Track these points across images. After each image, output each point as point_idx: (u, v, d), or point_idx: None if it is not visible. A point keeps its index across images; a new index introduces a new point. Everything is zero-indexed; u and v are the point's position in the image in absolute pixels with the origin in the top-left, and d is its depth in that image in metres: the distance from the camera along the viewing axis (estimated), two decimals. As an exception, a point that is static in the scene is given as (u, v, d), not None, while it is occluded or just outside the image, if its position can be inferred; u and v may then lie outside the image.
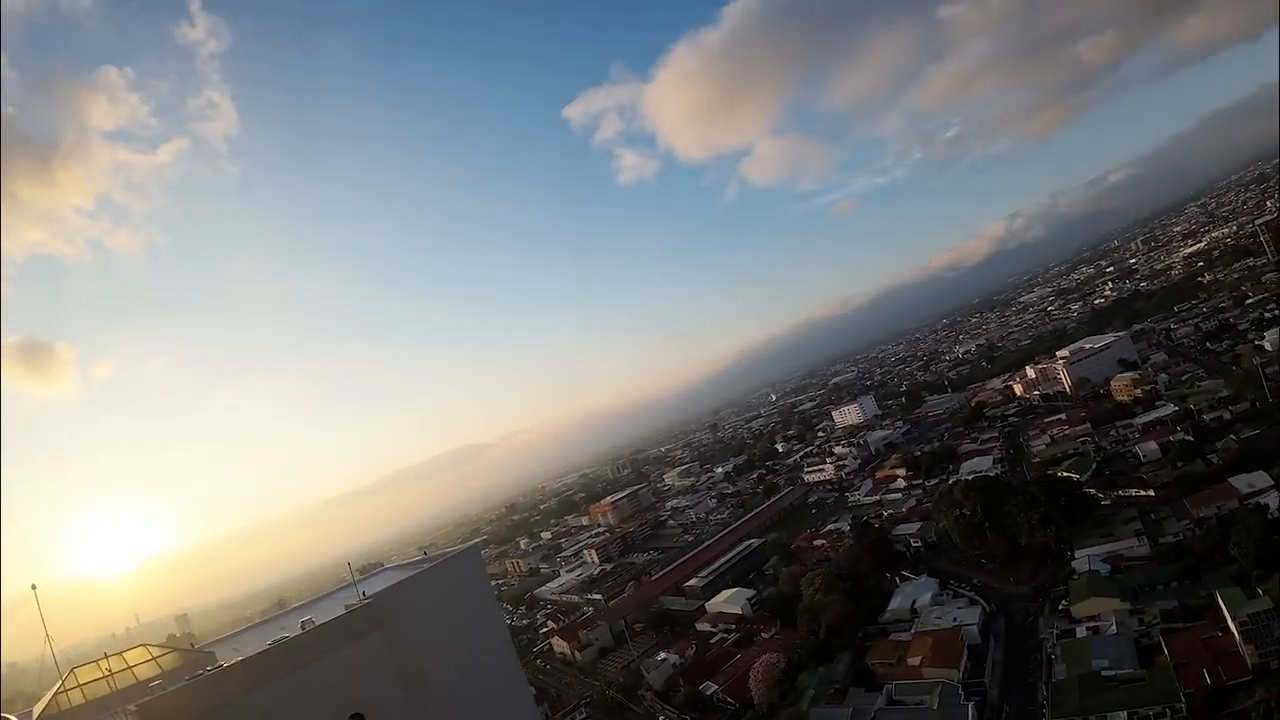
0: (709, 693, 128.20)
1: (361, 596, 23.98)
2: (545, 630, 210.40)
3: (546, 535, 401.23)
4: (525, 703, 29.46)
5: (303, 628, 22.22)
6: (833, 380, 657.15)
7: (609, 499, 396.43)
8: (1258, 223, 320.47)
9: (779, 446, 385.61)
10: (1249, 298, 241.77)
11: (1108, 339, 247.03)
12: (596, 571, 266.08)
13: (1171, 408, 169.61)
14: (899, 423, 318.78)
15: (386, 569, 37.38)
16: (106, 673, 22.10)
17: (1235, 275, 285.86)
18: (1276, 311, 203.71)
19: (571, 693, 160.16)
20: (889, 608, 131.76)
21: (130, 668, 22.93)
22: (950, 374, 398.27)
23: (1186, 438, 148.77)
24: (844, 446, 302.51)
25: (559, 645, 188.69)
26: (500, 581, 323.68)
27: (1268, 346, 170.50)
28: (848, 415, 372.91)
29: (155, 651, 24.31)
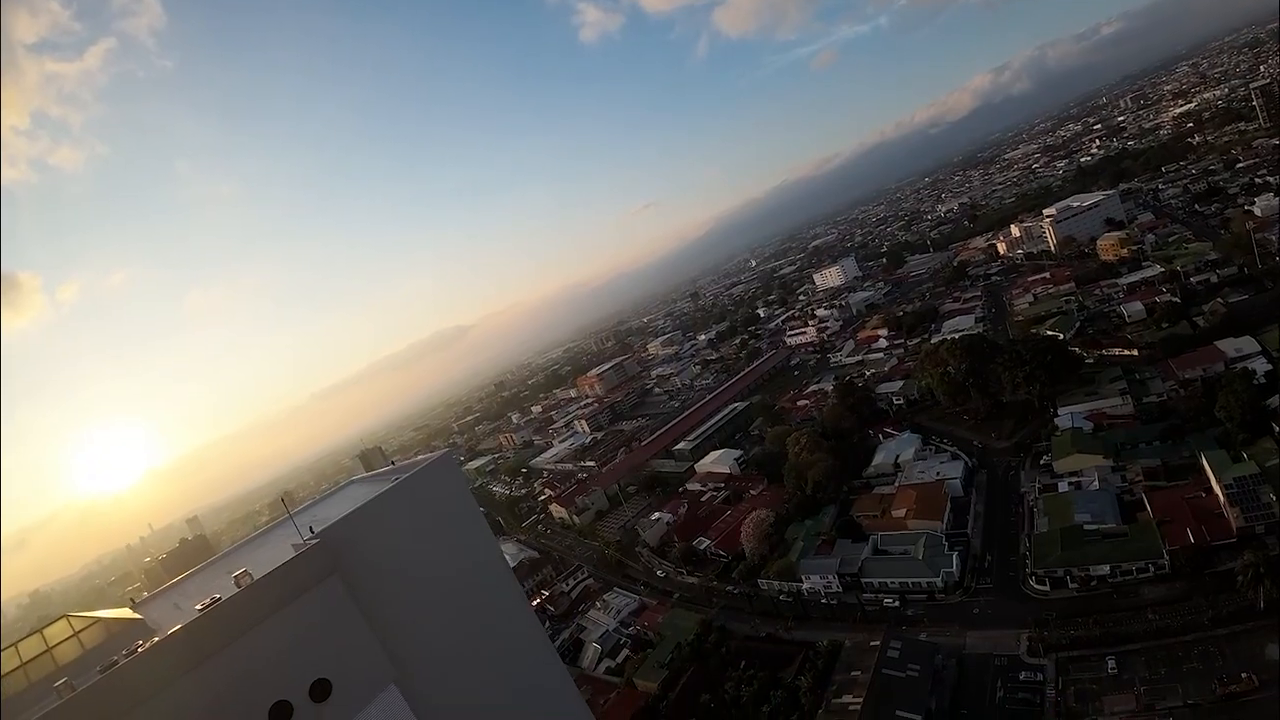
0: (702, 547, 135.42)
1: (310, 533, 19.80)
2: (543, 498, 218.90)
3: (537, 409, 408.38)
4: (530, 630, 24.76)
5: (237, 584, 18.48)
6: (813, 243, 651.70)
7: (595, 371, 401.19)
8: (1251, 86, 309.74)
9: (760, 311, 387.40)
10: (1239, 162, 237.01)
11: (1096, 197, 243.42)
12: (588, 440, 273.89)
13: (1158, 268, 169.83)
14: (880, 283, 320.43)
15: (354, 481, 30.34)
16: (21, 661, 18.92)
17: (1226, 138, 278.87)
18: (1268, 177, 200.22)
19: (572, 554, 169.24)
20: (873, 463, 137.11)
21: (50, 649, 19.81)
22: (932, 233, 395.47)
23: (1172, 299, 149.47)
24: (825, 309, 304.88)
25: (557, 511, 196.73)
26: (496, 455, 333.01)
27: (1258, 212, 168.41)
28: (829, 277, 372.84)
29: (78, 624, 20.69)
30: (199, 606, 17.87)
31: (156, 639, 17.08)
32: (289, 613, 17.67)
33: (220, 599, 17.86)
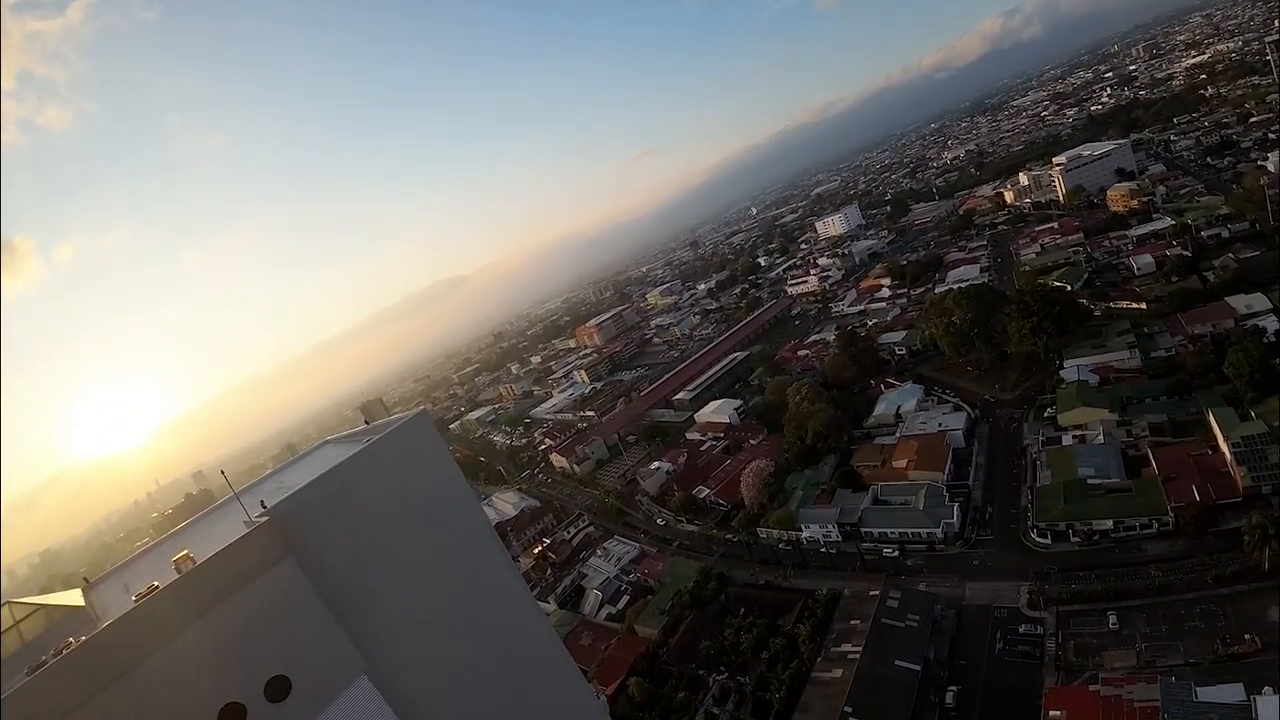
0: (702, 496, 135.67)
1: (261, 508, 17.13)
2: (544, 448, 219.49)
3: (536, 360, 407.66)
4: (517, 600, 21.97)
5: (178, 569, 16.04)
6: (815, 191, 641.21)
7: (594, 321, 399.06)
8: (1266, 40, 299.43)
9: (761, 260, 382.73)
10: (1253, 116, 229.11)
11: (1106, 147, 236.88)
12: (587, 391, 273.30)
13: (1168, 221, 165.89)
14: (884, 232, 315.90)
15: (328, 442, 26.31)
16: None
17: (1239, 92, 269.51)
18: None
19: (573, 502, 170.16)
20: (874, 413, 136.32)
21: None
22: (938, 181, 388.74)
23: (1183, 253, 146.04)
24: (828, 258, 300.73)
25: (558, 461, 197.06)
26: (496, 406, 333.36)
27: (1271, 168, 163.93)
28: (831, 226, 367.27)
29: (19, 612, 18.46)
30: (134, 597, 15.42)
31: (85, 638, 14.73)
32: (236, 602, 15.36)
33: (157, 587, 15.39)
